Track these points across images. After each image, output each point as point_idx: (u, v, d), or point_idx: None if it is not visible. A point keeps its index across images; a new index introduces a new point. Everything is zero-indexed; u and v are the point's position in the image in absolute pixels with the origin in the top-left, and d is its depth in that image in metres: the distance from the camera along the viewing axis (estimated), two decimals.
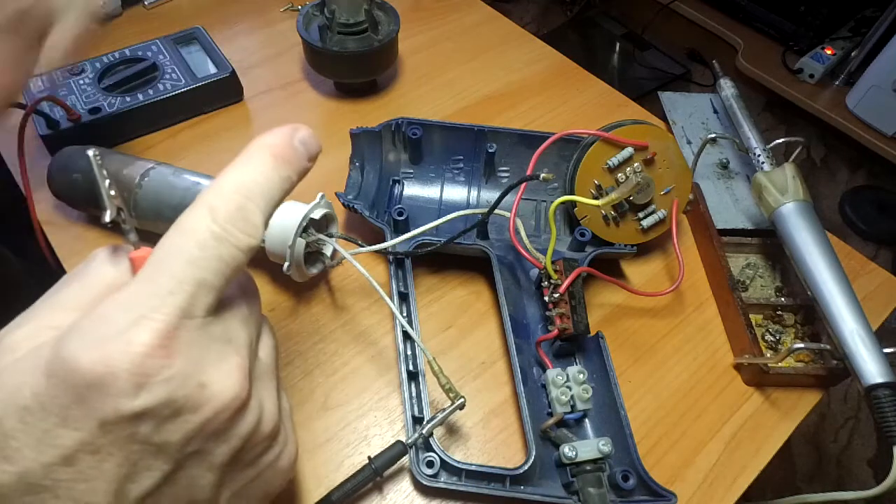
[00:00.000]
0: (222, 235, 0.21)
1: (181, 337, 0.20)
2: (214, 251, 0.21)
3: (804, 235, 0.44)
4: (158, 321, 0.20)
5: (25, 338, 0.21)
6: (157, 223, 0.43)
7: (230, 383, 0.21)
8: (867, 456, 1.13)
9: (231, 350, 0.22)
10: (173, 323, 0.20)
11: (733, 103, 0.56)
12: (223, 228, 0.21)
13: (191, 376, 0.20)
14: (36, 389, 0.19)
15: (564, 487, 0.36)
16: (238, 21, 0.67)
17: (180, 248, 0.21)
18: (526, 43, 0.69)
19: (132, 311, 0.20)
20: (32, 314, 0.22)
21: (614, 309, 0.47)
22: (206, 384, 0.21)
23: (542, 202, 0.51)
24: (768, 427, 0.41)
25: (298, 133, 0.24)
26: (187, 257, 0.21)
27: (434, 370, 0.35)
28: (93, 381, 0.19)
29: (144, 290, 0.20)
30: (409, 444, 0.35)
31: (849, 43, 1.58)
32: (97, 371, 0.19)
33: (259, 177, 0.23)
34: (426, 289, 0.47)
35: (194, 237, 0.21)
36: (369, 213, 0.45)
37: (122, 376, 0.19)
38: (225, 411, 0.21)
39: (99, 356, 0.19)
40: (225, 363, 0.22)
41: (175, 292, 0.20)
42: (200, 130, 0.56)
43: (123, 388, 0.19)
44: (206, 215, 0.21)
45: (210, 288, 0.21)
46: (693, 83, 1.78)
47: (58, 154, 0.45)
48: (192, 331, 0.21)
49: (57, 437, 0.19)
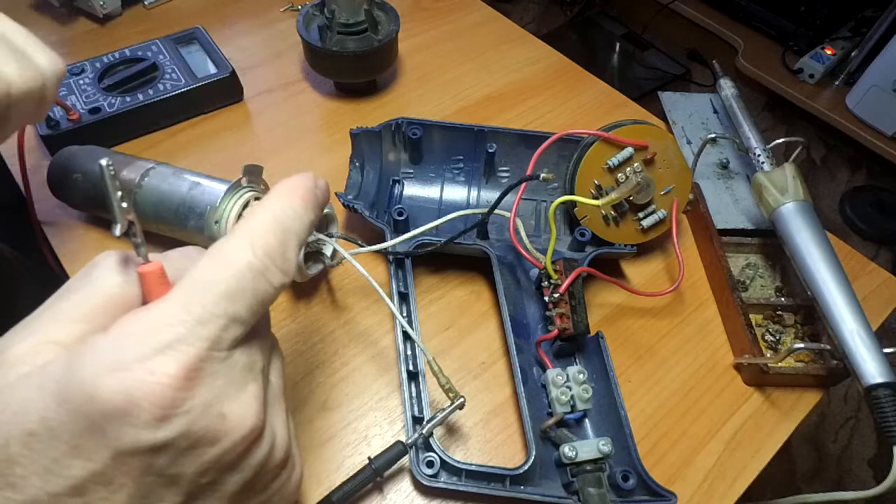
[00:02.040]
0: (260, 269, 0.21)
1: (206, 369, 0.19)
2: (251, 285, 0.21)
3: (804, 235, 0.44)
4: (186, 353, 0.19)
5: (28, 352, 0.20)
6: (157, 223, 0.43)
7: (248, 414, 0.21)
8: (867, 456, 1.13)
9: (250, 378, 0.22)
10: (201, 356, 0.19)
11: (733, 103, 0.56)
12: (262, 263, 0.21)
13: (211, 407, 0.20)
14: (45, 414, 0.18)
15: (564, 487, 0.36)
16: (238, 21, 0.67)
17: (216, 278, 0.20)
18: (526, 43, 0.69)
19: (158, 337, 0.19)
20: (34, 326, 0.21)
21: (614, 309, 0.47)
22: (225, 415, 0.20)
23: (542, 202, 0.51)
24: (768, 427, 0.42)
25: (319, 182, 0.25)
26: (223, 289, 0.20)
27: (434, 370, 0.35)
28: (111, 411, 0.18)
29: (173, 317, 0.19)
30: (409, 445, 0.35)
31: (849, 43, 1.58)
32: (117, 400, 0.18)
33: (294, 215, 0.23)
34: (426, 289, 0.47)
35: (232, 268, 0.20)
36: (369, 213, 0.45)
37: (144, 408, 0.18)
38: (242, 443, 0.21)
39: (120, 385, 0.18)
40: (244, 393, 0.21)
41: (206, 323, 0.19)
42: (200, 130, 0.56)
43: (144, 420, 0.18)
44: (246, 247, 0.21)
45: (241, 322, 0.21)
46: (693, 83, 1.78)
47: (58, 154, 0.45)
48: (216, 363, 0.20)
49: (67, 466, 0.18)
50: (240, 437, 0.20)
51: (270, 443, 0.23)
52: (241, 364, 0.21)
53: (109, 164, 0.21)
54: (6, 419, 0.18)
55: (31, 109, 0.35)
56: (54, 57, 0.36)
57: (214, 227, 0.40)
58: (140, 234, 0.22)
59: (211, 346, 0.20)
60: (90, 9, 0.64)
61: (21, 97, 0.34)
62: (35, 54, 0.35)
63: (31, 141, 0.49)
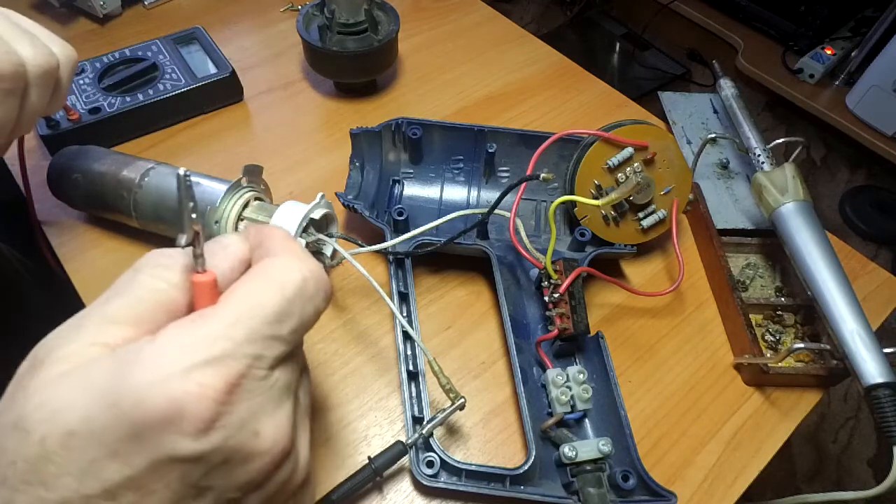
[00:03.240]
0: (309, 295, 0.22)
1: (246, 386, 0.20)
2: (298, 309, 0.21)
3: (804, 235, 0.44)
4: (231, 367, 0.19)
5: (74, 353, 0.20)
6: (157, 223, 0.43)
7: (280, 434, 0.21)
8: (867, 456, 1.13)
9: (285, 398, 0.22)
10: (244, 372, 0.20)
11: (733, 103, 0.56)
12: (311, 288, 0.22)
13: (247, 424, 0.20)
14: (88, 415, 0.18)
15: (564, 487, 0.36)
16: (238, 21, 0.67)
17: (267, 299, 0.21)
18: (526, 43, 0.69)
19: (207, 350, 0.19)
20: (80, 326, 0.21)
21: (614, 309, 0.47)
22: (259, 433, 0.20)
23: (542, 202, 0.51)
24: (768, 427, 0.42)
25: None
26: (272, 311, 0.21)
27: (434, 370, 0.35)
28: (156, 419, 0.18)
29: (223, 332, 0.20)
30: (409, 445, 0.35)
31: (849, 43, 1.58)
32: (163, 409, 0.18)
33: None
34: (426, 289, 0.47)
35: (282, 292, 0.21)
36: (369, 213, 0.45)
37: (188, 418, 0.18)
38: (271, 463, 0.21)
39: (168, 394, 0.18)
40: (278, 413, 0.21)
41: (253, 342, 0.20)
42: (200, 130, 0.56)
43: (186, 431, 0.18)
44: (297, 271, 0.22)
45: (284, 343, 0.21)
46: (693, 83, 1.78)
47: (58, 154, 0.45)
48: (256, 381, 0.20)
49: (103, 469, 0.18)
50: (269, 457, 0.21)
51: (294, 462, 0.23)
52: (279, 384, 0.22)
53: (187, 174, 0.21)
54: (44, 416, 0.18)
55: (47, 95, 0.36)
56: (67, 45, 0.36)
57: (214, 227, 0.40)
58: (202, 245, 0.22)
59: (254, 363, 0.20)
60: (90, 9, 0.64)
61: (38, 76, 0.34)
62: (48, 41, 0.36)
63: (31, 141, 0.49)
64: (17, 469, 0.18)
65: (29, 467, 0.18)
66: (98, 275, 0.45)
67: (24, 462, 0.18)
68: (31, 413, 0.18)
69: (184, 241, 0.22)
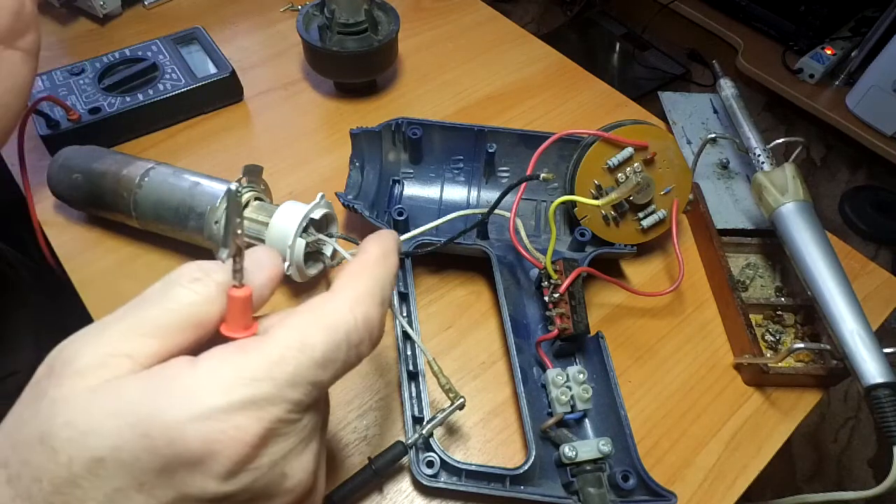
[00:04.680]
0: (357, 342, 0.21)
1: (281, 430, 0.20)
2: (344, 356, 0.21)
3: (804, 235, 0.44)
4: (271, 413, 0.19)
5: (98, 364, 0.19)
6: (157, 223, 0.43)
7: (306, 475, 0.21)
8: (867, 456, 1.13)
9: (313, 439, 0.22)
10: (282, 418, 0.19)
11: (733, 103, 0.56)
12: (360, 335, 0.21)
13: (276, 466, 0.20)
14: (118, 443, 0.18)
15: (564, 487, 0.36)
16: (238, 21, 0.67)
17: (315, 342, 0.20)
18: (526, 43, 0.69)
19: (248, 391, 0.19)
20: (104, 334, 0.20)
21: (614, 309, 0.47)
22: (287, 475, 0.20)
23: (542, 202, 0.51)
24: (768, 427, 0.41)
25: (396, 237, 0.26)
26: (319, 356, 0.20)
27: (434, 370, 0.35)
28: (189, 458, 0.18)
29: (266, 372, 0.19)
30: (409, 445, 0.35)
31: (849, 43, 1.58)
32: (197, 449, 0.18)
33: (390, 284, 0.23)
34: (426, 289, 0.47)
35: (332, 336, 0.21)
36: (369, 213, 0.45)
37: (220, 461, 0.18)
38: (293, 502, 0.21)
39: (204, 434, 0.18)
40: (306, 453, 0.21)
41: (295, 387, 0.20)
42: (200, 130, 0.56)
43: (217, 472, 0.18)
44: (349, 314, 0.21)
45: (322, 387, 0.21)
46: (693, 83, 1.78)
47: (58, 154, 0.45)
48: (290, 425, 0.20)
49: (128, 498, 0.18)
50: (292, 496, 0.21)
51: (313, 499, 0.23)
52: (310, 426, 0.21)
53: (239, 190, 0.21)
54: (72, 436, 0.18)
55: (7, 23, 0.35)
56: None
57: (214, 227, 0.40)
58: (242, 260, 0.21)
59: (292, 408, 0.20)
60: (90, 9, 0.64)
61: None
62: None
63: (31, 141, 0.49)
64: (43, 488, 0.18)
65: (54, 489, 0.18)
66: (98, 275, 0.45)
67: (50, 483, 0.18)
68: (59, 431, 0.18)
69: (225, 255, 0.21)
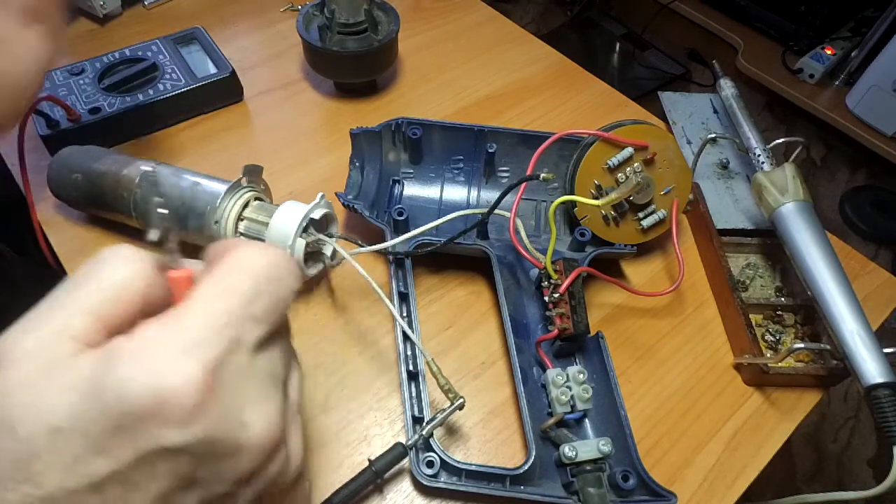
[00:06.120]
0: (278, 275, 0.22)
1: (228, 372, 0.20)
2: (270, 289, 0.22)
3: (804, 235, 0.44)
4: (208, 353, 0.19)
5: (42, 346, 0.19)
6: None
7: (269, 426, 0.21)
8: (867, 456, 1.13)
9: (272, 389, 0.22)
10: (222, 357, 0.19)
11: (733, 103, 0.56)
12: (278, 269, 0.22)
13: (233, 413, 0.20)
14: (73, 411, 0.18)
15: (564, 487, 0.36)
16: (238, 21, 0.67)
17: (235, 283, 0.21)
18: (526, 43, 0.69)
19: (183, 340, 0.19)
20: (44, 318, 0.20)
21: (614, 309, 0.47)
22: (246, 424, 0.20)
23: (542, 202, 0.51)
24: (768, 427, 0.41)
25: None
26: (243, 293, 0.21)
27: (433, 371, 0.35)
28: (140, 411, 0.18)
29: (196, 320, 0.20)
30: (409, 446, 0.35)
31: (849, 43, 1.58)
32: (145, 400, 0.18)
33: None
34: (426, 289, 0.47)
35: (250, 274, 0.21)
36: (369, 213, 0.45)
37: (171, 409, 0.18)
38: (260, 455, 0.21)
39: (149, 386, 0.18)
40: (266, 403, 0.21)
41: (227, 325, 0.20)
42: (200, 130, 0.56)
43: (170, 421, 0.18)
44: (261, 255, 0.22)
45: (260, 323, 0.21)
46: (693, 83, 1.78)
47: (58, 154, 0.45)
48: (238, 367, 0.20)
49: (88, 464, 0.18)
50: (259, 448, 0.20)
51: (285, 458, 0.23)
52: (263, 372, 0.21)
53: (153, 170, 0.21)
54: (29, 415, 0.18)
55: None
56: None
57: (214, 227, 0.40)
58: (174, 241, 0.22)
59: (232, 348, 0.20)
60: (90, 9, 0.64)
61: None
62: None
63: (32, 141, 0.49)
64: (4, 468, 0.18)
65: (15, 465, 0.18)
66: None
67: (11, 461, 0.18)
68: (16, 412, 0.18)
69: (153, 235, 0.22)
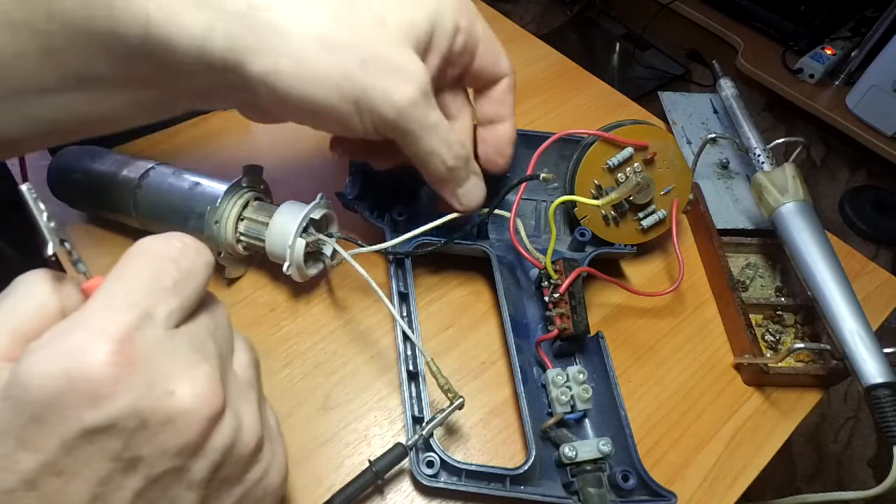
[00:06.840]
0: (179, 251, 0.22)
1: (142, 344, 0.19)
2: (174, 264, 0.22)
3: (804, 235, 0.44)
4: (116, 329, 0.19)
5: None
6: (158, 224, 0.43)
7: (201, 392, 0.20)
8: (867, 456, 1.13)
9: (200, 359, 0.22)
10: (130, 332, 0.19)
11: (733, 103, 0.56)
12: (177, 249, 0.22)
13: (156, 384, 0.19)
14: None
15: (564, 487, 0.36)
16: None
17: (134, 267, 0.21)
18: (526, 43, 0.69)
19: (90, 323, 0.19)
20: None
21: (614, 309, 0.47)
22: (174, 392, 0.20)
23: (542, 202, 0.51)
24: (768, 427, 0.42)
25: None
26: (145, 272, 0.21)
27: (432, 371, 0.35)
28: (50, 398, 0.18)
29: (102, 304, 0.20)
30: (409, 447, 0.35)
31: (849, 43, 1.58)
32: (53, 386, 0.18)
33: None
34: (426, 289, 0.47)
35: (150, 257, 0.22)
36: (369, 213, 0.45)
37: (81, 388, 0.18)
38: (198, 423, 0.20)
39: (55, 370, 0.18)
40: (194, 372, 0.21)
41: (132, 304, 0.20)
42: (200, 130, 0.56)
43: (83, 401, 0.18)
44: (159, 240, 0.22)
45: (169, 295, 0.21)
46: (693, 83, 1.78)
47: (58, 154, 0.45)
48: (154, 338, 0.20)
49: (16, 461, 0.18)
50: (194, 415, 0.20)
51: (234, 427, 0.22)
52: (185, 344, 0.21)
53: (30, 188, 0.22)
54: None
55: None
56: None
57: (214, 227, 0.40)
58: (75, 250, 0.22)
59: (141, 320, 0.20)
60: None
61: None
62: None
63: None
64: None
65: None
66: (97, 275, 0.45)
67: None
68: None
69: (50, 249, 0.22)
